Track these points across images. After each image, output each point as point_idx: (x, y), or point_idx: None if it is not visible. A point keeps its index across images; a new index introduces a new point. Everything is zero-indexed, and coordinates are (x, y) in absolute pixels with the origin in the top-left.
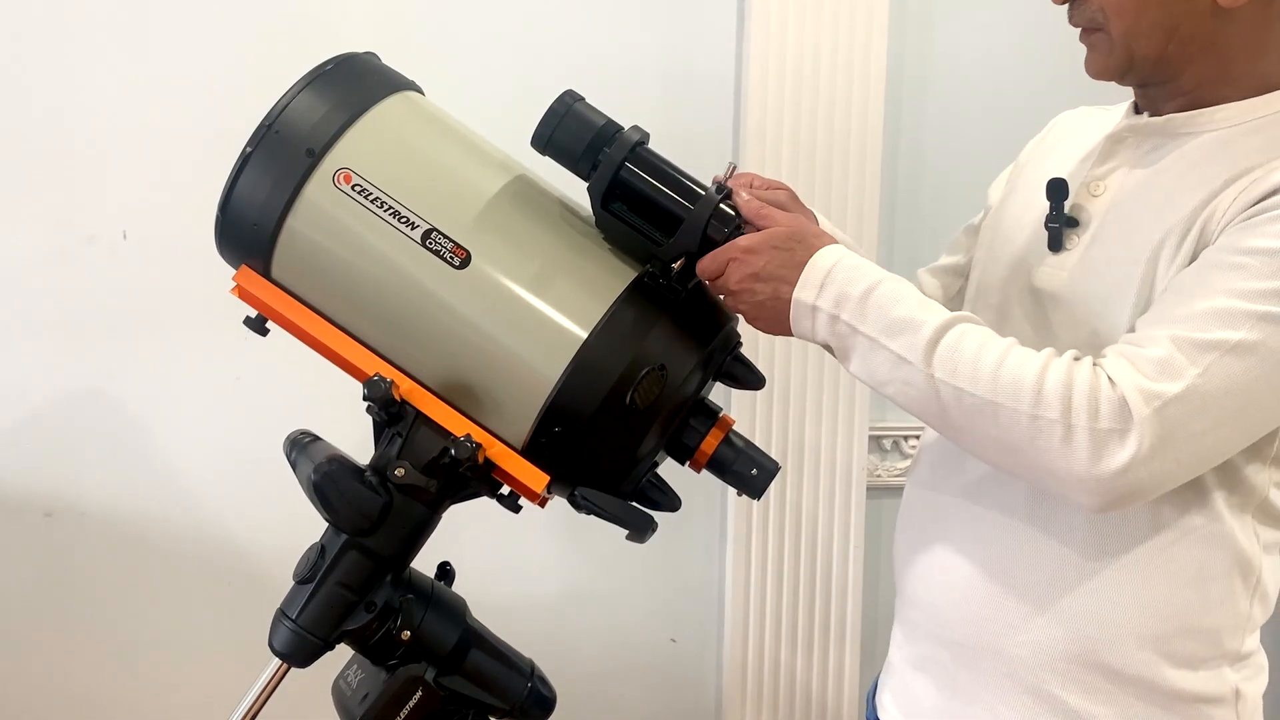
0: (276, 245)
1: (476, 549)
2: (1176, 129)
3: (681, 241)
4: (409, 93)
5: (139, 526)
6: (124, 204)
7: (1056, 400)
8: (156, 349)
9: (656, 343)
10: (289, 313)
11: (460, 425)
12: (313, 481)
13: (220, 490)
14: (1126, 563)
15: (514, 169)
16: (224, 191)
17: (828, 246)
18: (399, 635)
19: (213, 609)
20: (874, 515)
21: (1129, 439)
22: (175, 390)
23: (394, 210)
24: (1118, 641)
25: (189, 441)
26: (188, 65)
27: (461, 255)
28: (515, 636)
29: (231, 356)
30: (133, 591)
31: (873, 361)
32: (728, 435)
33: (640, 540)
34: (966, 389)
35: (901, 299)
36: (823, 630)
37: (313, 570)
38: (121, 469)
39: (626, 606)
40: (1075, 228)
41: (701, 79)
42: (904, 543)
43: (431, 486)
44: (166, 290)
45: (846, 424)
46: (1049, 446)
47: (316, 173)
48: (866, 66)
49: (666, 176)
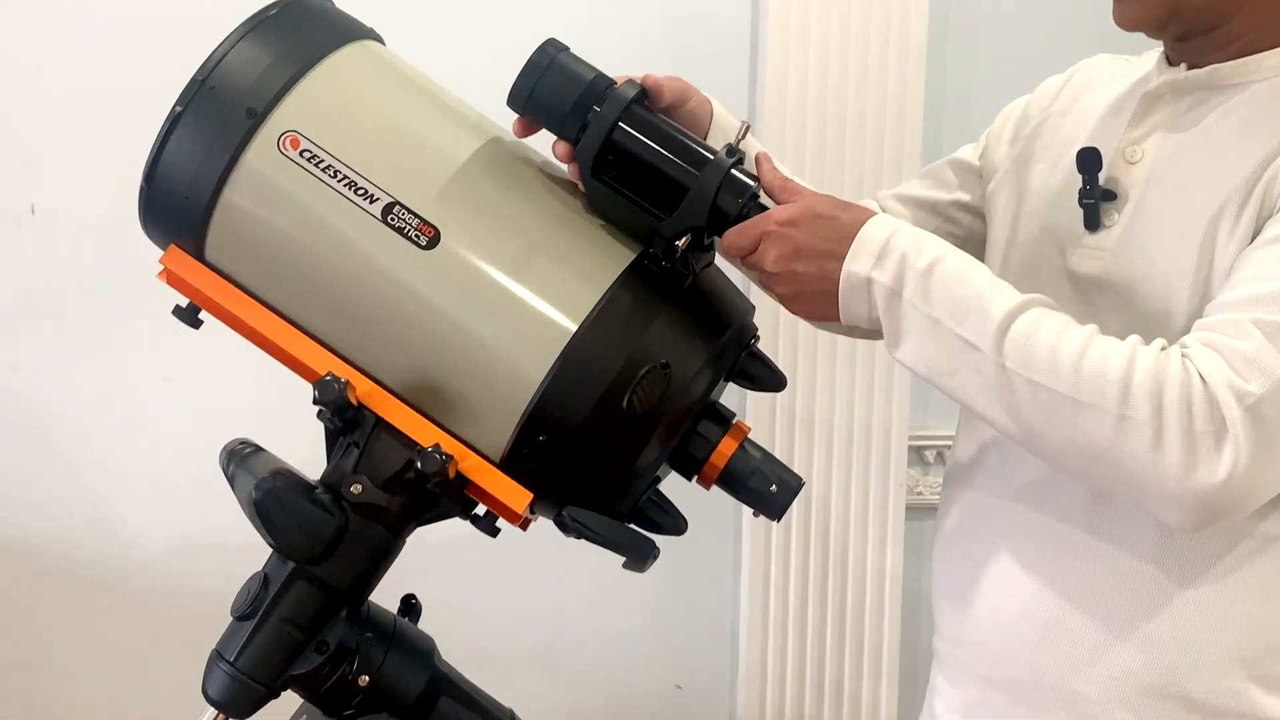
0: (211, 222)
1: (447, 580)
2: (1222, 81)
3: (687, 215)
4: (367, 42)
5: (46, 551)
6: (30, 173)
7: (1146, 398)
8: (69, 344)
9: (658, 336)
10: (226, 301)
11: (428, 434)
12: (254, 500)
13: (144, 510)
14: (1206, 576)
15: (490, 132)
16: (149, 159)
17: (879, 215)
18: (356, 681)
19: (134, 650)
20: (915, 539)
21: (1224, 445)
22: (91, 392)
23: (349, 180)
24: (1201, 668)
25: (107, 452)
26: (106, 9)
27: (429, 233)
28: (492, 683)
29: (158, 353)
30: (37, 629)
31: (932, 347)
32: (742, 445)
33: (639, 569)
34: (1043, 382)
35: (970, 276)
36: (854, 676)
37: (254, 604)
38: (25, 484)
39: (624, 647)
40: (1113, 201)
41: (713, 23)
42: (943, 565)
43: (394, 506)
44: (81, 274)
45: (883, 431)
46: (1136, 452)
47: (258, 136)
48: (905, 7)
49: (668, 139)
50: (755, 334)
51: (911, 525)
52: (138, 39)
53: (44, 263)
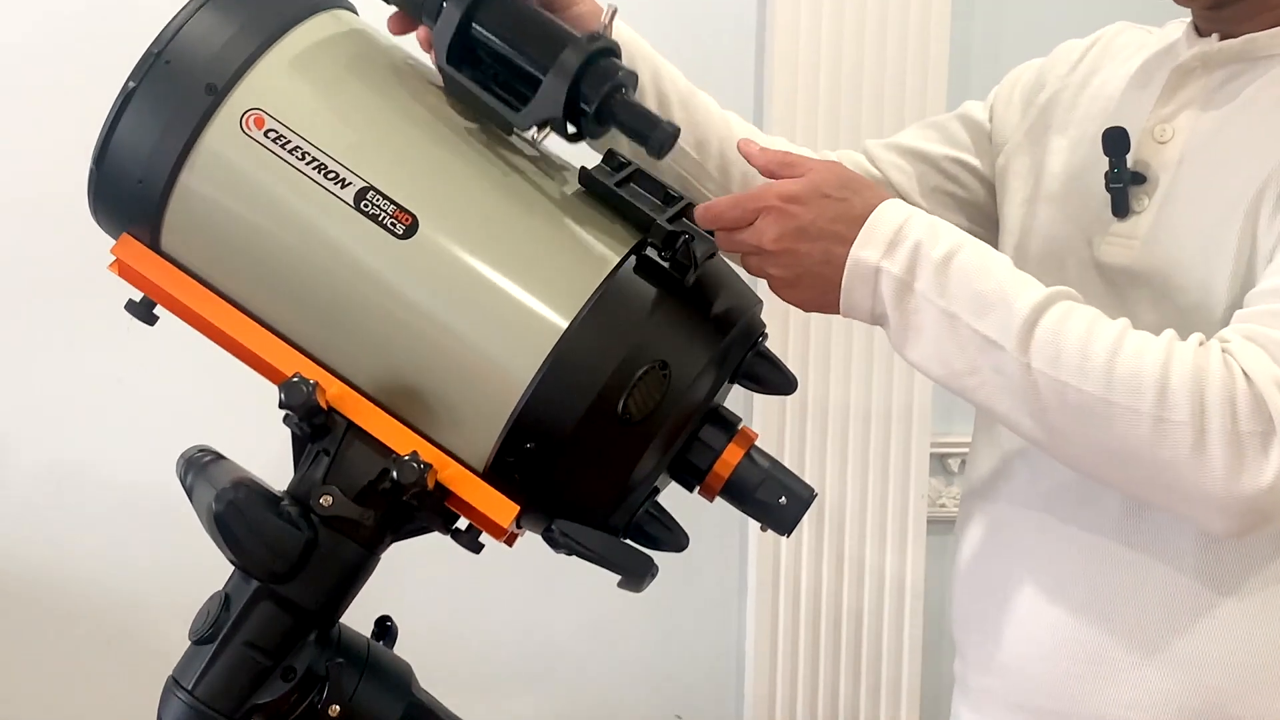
0: (168, 208)
1: (426, 600)
2: (1259, 51)
3: (542, 104)
4: (338, 11)
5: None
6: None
7: (1186, 398)
8: (11, 342)
9: (657, 334)
10: (183, 295)
11: (404, 440)
12: (214, 512)
13: (95, 524)
14: (1251, 585)
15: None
16: (99, 140)
17: (891, 199)
18: (325, 711)
19: (86, 676)
20: (937, 555)
21: (1272, 446)
22: (36, 395)
23: (318, 163)
24: (1249, 691)
25: (54, 460)
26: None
27: (406, 221)
28: (475, 713)
29: (110, 352)
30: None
31: (948, 345)
32: (749, 453)
33: (636, 589)
34: (1073, 383)
35: (991, 267)
36: (871, 708)
37: (214, 627)
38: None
39: (620, 674)
40: (1142, 185)
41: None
42: (966, 585)
43: (367, 519)
44: (24, 266)
45: (902, 438)
46: (1176, 457)
47: (219, 114)
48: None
49: (526, 23)
50: (763, 331)
51: (934, 540)
52: (87, 9)
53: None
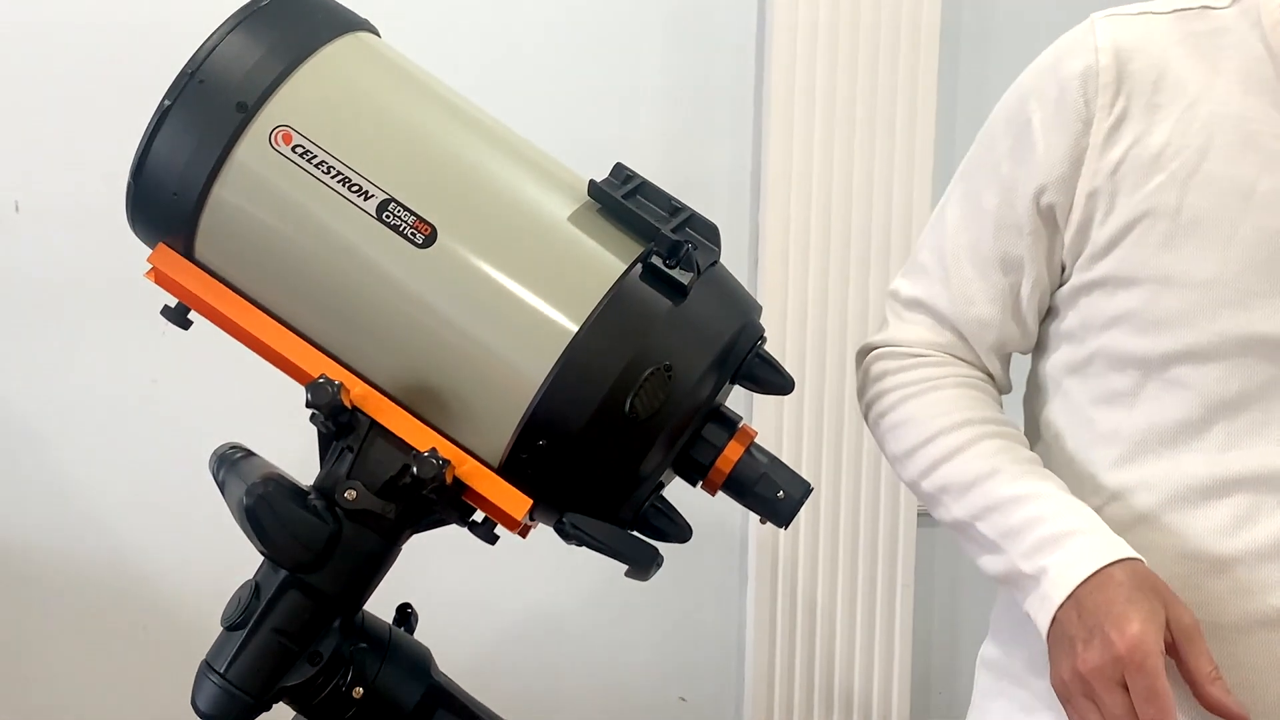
0: (201, 219)
1: (444, 588)
2: None
3: None
4: (361, 34)
5: (30, 560)
6: (15, 168)
7: None
8: (54, 344)
9: (662, 337)
10: (216, 301)
11: (424, 438)
12: (245, 506)
13: (132, 516)
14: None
15: (488, 126)
16: (137, 154)
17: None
18: (349, 693)
19: (122, 661)
20: (927, 546)
21: None
22: (77, 394)
23: (343, 177)
24: None
25: (93, 457)
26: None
27: (425, 231)
28: (491, 695)
29: (146, 354)
30: (22, 639)
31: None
32: (749, 449)
33: (643, 578)
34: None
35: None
36: (864, 688)
37: (245, 614)
38: (8, 489)
39: (626, 658)
40: None
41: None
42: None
43: (389, 512)
44: (67, 273)
45: None
46: None
47: (249, 131)
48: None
49: None
50: (762, 335)
51: (923, 533)
52: (127, 31)
53: (28, 261)
